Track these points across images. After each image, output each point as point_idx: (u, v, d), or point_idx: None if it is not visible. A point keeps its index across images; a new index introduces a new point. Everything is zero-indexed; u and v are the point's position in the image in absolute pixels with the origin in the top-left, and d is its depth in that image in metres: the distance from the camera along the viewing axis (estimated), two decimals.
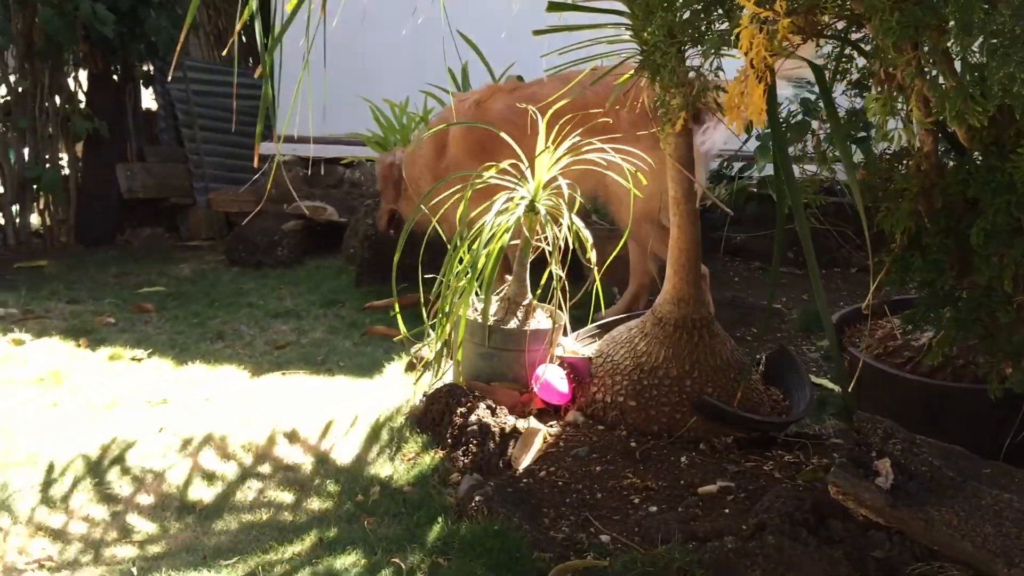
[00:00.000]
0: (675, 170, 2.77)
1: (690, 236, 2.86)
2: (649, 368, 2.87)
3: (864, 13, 1.90)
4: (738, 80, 2.09)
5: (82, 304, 4.70)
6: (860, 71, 2.49)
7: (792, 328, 4.04)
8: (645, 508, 2.49)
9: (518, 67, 5.29)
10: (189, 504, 2.68)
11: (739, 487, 2.56)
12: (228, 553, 2.37)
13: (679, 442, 2.79)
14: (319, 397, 3.48)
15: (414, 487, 2.69)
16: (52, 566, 2.36)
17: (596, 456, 2.74)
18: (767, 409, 2.96)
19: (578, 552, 2.30)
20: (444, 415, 2.93)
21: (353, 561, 2.31)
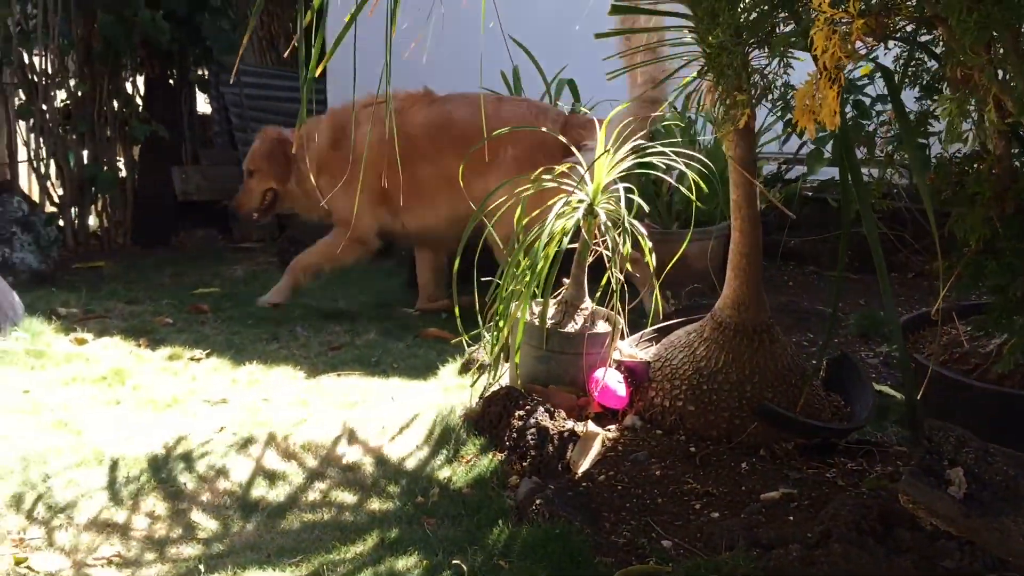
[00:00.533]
0: (737, 173, 2.75)
1: (751, 240, 2.83)
2: (708, 373, 2.85)
3: (940, 13, 1.87)
4: (809, 83, 2.07)
5: (140, 304, 4.78)
6: (931, 74, 2.46)
7: (849, 333, 3.99)
8: (707, 514, 2.47)
9: (570, 70, 5.30)
10: (252, 503, 2.71)
11: (802, 494, 2.53)
12: (292, 552, 2.40)
13: (739, 448, 2.77)
14: (375, 398, 3.51)
15: (473, 489, 2.69)
16: (120, 563, 2.40)
17: (655, 461, 2.73)
18: (828, 415, 2.92)
19: (640, 557, 2.29)
20: (501, 418, 2.94)
21: (415, 562, 2.32)
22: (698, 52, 2.69)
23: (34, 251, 5.03)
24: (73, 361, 3.74)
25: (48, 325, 4.13)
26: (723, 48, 2.23)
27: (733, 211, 2.83)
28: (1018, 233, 2.17)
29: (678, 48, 2.76)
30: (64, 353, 3.84)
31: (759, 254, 2.85)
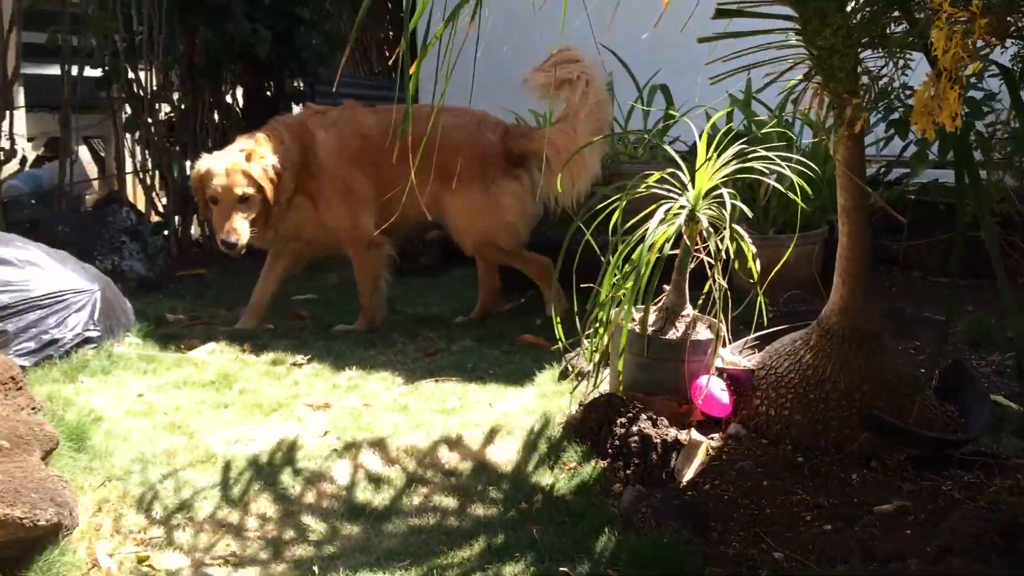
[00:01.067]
0: (846, 178, 2.70)
1: (860, 246, 2.77)
2: (816, 381, 2.80)
3: None
4: (927, 84, 2.02)
5: (242, 311, 4.91)
6: None
7: (959, 341, 3.86)
8: (818, 526, 2.42)
9: (663, 76, 5.26)
10: (358, 506, 2.76)
11: (917, 507, 2.46)
12: (400, 555, 2.44)
13: (848, 458, 2.71)
14: (473, 403, 3.53)
15: (576, 496, 2.69)
16: (236, 562, 2.47)
17: (762, 470, 2.69)
18: (941, 426, 2.84)
19: (751, 568, 2.26)
20: (603, 425, 2.93)
21: (522, 568, 2.34)
22: (803, 54, 2.64)
23: (142, 259, 5.22)
24: (182, 366, 3.86)
25: (158, 331, 4.27)
26: (834, 50, 2.19)
27: (841, 216, 2.77)
28: None
29: (783, 51, 2.71)
30: (174, 358, 3.97)
31: (868, 260, 2.79)
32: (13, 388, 2.83)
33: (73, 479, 2.72)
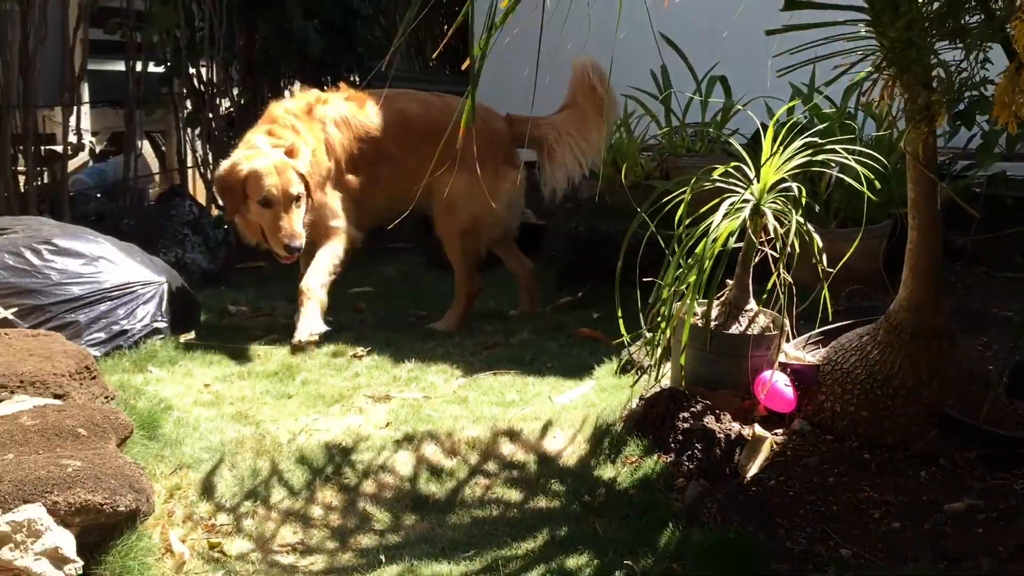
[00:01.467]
0: (916, 171, 2.65)
1: (930, 241, 2.73)
2: (883, 378, 2.76)
3: None
4: (1008, 76, 1.98)
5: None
6: None
7: None
8: (887, 523, 2.39)
9: (722, 67, 5.22)
10: (421, 497, 2.79)
11: (988, 506, 2.42)
12: (464, 546, 2.46)
13: (916, 456, 2.67)
14: (532, 396, 3.54)
15: (639, 490, 2.69)
16: (303, 550, 2.52)
17: (827, 467, 2.67)
18: (1013, 424, 2.78)
19: (818, 565, 2.25)
20: (665, 419, 2.92)
21: (586, 561, 2.34)
22: (873, 47, 2.60)
23: (203, 252, 5.32)
24: (247, 356, 3.93)
25: (221, 322, 4.35)
26: (910, 43, 2.15)
27: (911, 210, 2.73)
28: None
29: (852, 43, 2.67)
30: (238, 349, 4.04)
31: (939, 255, 2.75)
32: (88, 377, 2.91)
33: (146, 466, 2.78)
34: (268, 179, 4.00)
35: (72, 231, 3.97)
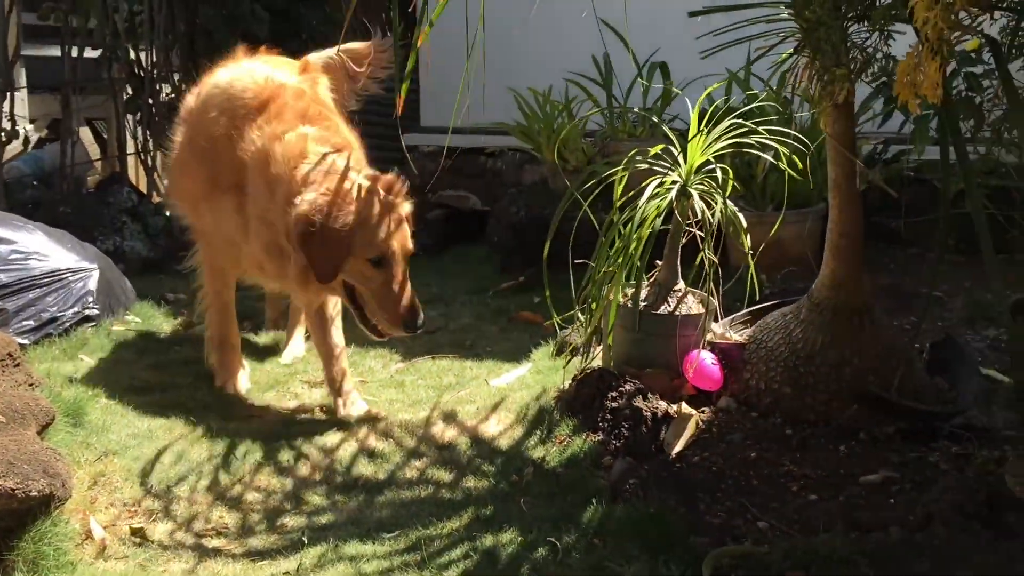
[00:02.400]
0: (835, 150, 2.70)
1: (850, 219, 2.78)
2: (805, 355, 2.81)
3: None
4: (911, 55, 2.02)
5: (244, 290, 4.92)
6: None
7: (955, 317, 3.86)
8: (804, 496, 2.44)
9: (662, 53, 5.24)
10: (352, 479, 2.79)
11: (904, 478, 2.48)
12: (391, 526, 2.47)
13: (837, 431, 2.72)
14: (469, 380, 3.56)
15: (567, 469, 2.72)
16: (229, 533, 2.51)
17: (751, 443, 2.71)
18: (932, 399, 2.84)
19: (735, 538, 2.28)
20: (595, 399, 2.95)
21: (510, 538, 2.36)
22: (794, 28, 2.64)
23: (143, 239, 5.25)
24: (182, 344, 3.90)
25: (158, 310, 4.31)
26: (820, 22, 2.19)
27: (831, 190, 2.78)
28: None
29: (773, 25, 2.71)
30: (173, 336, 4.00)
31: (859, 233, 2.79)
32: (11, 364, 2.86)
33: (70, 453, 2.75)
34: (383, 230, 2.99)
35: (1, 218, 3.90)
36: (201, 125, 3.28)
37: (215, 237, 3.37)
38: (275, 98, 3.18)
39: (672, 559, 2.19)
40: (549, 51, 5.70)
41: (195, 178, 3.31)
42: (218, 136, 3.17)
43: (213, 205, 3.24)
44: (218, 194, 3.20)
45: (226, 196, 3.17)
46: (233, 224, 3.18)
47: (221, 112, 3.20)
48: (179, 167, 3.48)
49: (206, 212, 3.31)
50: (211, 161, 3.21)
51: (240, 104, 3.17)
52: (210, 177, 3.22)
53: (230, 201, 3.16)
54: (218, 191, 3.19)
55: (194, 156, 3.31)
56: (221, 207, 3.19)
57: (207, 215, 3.31)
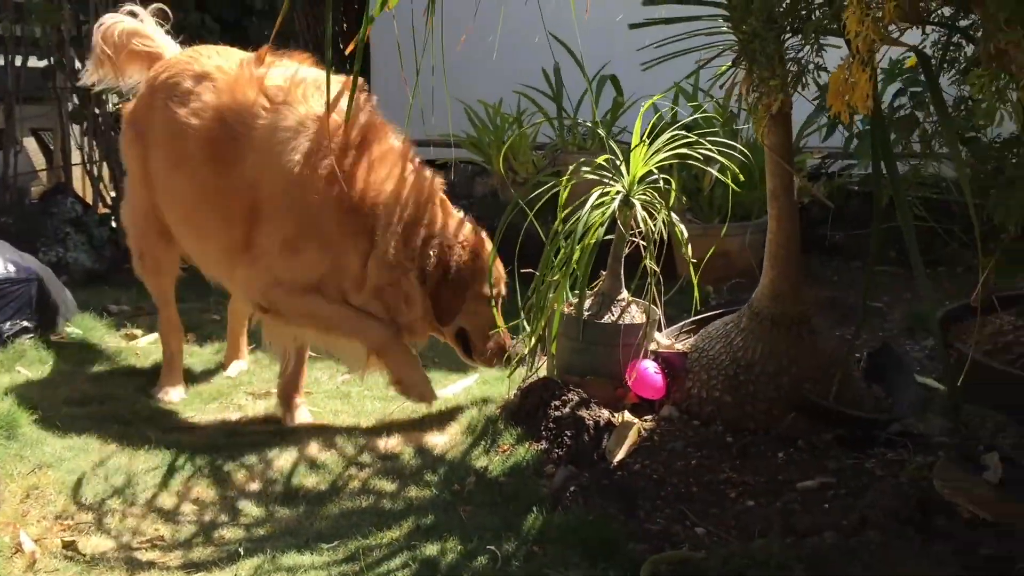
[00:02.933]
0: (773, 162, 2.74)
1: (788, 230, 2.82)
2: (746, 364, 2.84)
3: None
4: (842, 68, 2.06)
5: (189, 302, 4.85)
6: (968, 60, 2.42)
7: (895, 327, 3.94)
8: (742, 502, 2.46)
9: (611, 67, 5.30)
10: (293, 490, 2.76)
11: (840, 484, 2.51)
12: (329, 537, 2.44)
13: (777, 438, 2.75)
14: None
15: (509, 478, 2.71)
16: (164, 545, 2.46)
17: (692, 450, 2.73)
18: (869, 407, 2.89)
19: (674, 544, 2.30)
20: (538, 408, 2.95)
21: (450, 547, 2.35)
22: (733, 40, 2.68)
23: (87, 251, 5.16)
24: (124, 355, 3.84)
25: (100, 322, 4.23)
26: (756, 34, 2.22)
27: (770, 201, 2.82)
28: None
29: (714, 37, 2.74)
30: (115, 348, 3.94)
31: (797, 244, 2.83)
32: None
33: (2, 466, 2.70)
34: (497, 270, 3.13)
35: None
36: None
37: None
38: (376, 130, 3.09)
39: (611, 566, 2.20)
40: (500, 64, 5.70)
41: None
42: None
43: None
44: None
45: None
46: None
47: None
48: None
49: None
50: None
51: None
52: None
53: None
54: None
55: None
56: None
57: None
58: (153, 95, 3.27)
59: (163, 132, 3.19)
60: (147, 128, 3.28)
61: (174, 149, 3.15)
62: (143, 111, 3.30)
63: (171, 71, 3.26)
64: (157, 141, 3.24)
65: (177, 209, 3.26)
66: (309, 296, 3.04)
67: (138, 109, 3.35)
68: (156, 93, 3.25)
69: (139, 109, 3.34)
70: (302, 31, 7.54)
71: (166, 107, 3.16)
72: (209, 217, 3.11)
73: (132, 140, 3.39)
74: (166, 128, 3.17)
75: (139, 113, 3.34)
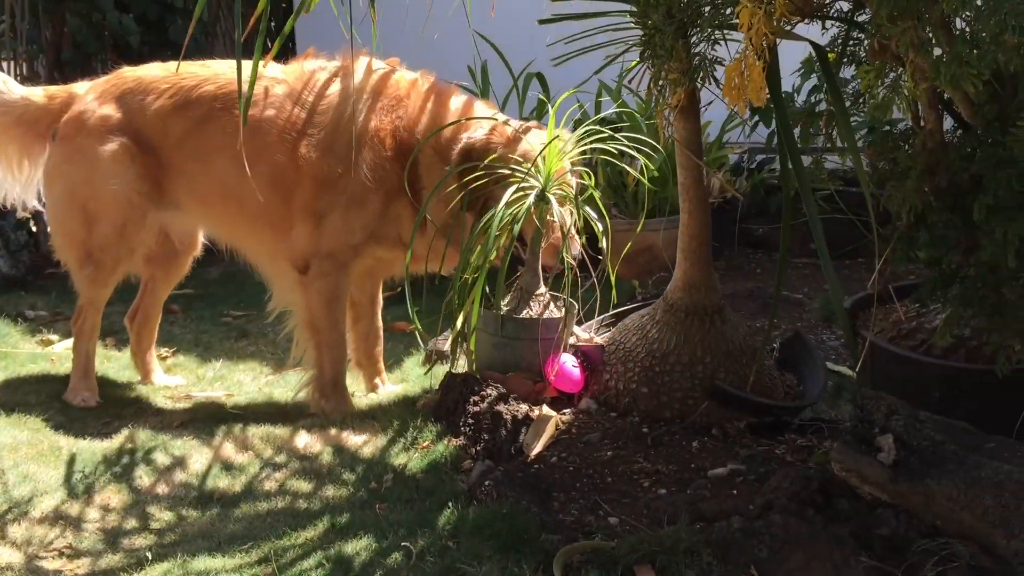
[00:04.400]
0: (683, 155, 2.78)
1: (700, 222, 2.86)
2: (661, 355, 2.87)
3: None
4: (737, 60, 2.10)
5: (110, 307, 4.75)
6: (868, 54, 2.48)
7: (813, 317, 4.02)
8: (655, 491, 2.49)
9: (537, 65, 5.31)
10: (207, 493, 2.73)
11: (750, 470, 2.55)
12: (243, 539, 2.42)
13: (691, 428, 2.79)
14: None
15: (427, 474, 2.71)
16: (71, 554, 2.42)
17: (608, 442, 2.75)
18: (781, 394, 2.95)
19: (586, 534, 2.32)
20: (458, 404, 2.96)
21: (364, 545, 2.34)
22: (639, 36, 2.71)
23: (4, 256, 5.03)
24: (37, 361, 3.75)
25: (15, 327, 4.13)
26: (657, 29, 2.25)
27: (681, 193, 2.85)
28: (949, 206, 2.19)
29: (621, 33, 2.78)
30: (29, 354, 3.85)
31: (708, 235, 2.88)
32: None
33: None
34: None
35: None
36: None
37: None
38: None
39: (524, 557, 2.21)
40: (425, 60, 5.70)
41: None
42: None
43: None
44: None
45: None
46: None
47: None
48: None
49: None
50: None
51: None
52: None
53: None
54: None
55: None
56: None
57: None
58: (187, 106, 3.32)
59: (224, 135, 3.23)
60: (164, 136, 3.34)
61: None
62: (153, 120, 3.34)
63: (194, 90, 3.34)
64: (208, 147, 3.31)
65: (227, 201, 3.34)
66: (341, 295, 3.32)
67: (137, 118, 3.35)
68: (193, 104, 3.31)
69: (141, 118, 3.35)
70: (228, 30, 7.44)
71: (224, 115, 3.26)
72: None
73: (125, 148, 3.34)
74: (224, 133, 3.23)
75: (145, 122, 3.35)
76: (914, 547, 2.02)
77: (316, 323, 3.30)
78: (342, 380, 3.34)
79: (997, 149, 2.03)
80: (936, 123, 2.26)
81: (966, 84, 1.78)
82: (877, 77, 2.00)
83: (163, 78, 3.41)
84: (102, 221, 3.36)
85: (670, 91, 2.35)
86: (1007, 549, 1.84)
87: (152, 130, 3.35)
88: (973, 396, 2.55)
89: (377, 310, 3.62)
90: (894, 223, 2.32)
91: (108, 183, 3.32)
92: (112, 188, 3.31)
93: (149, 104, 3.36)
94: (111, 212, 3.35)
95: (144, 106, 3.36)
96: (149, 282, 3.73)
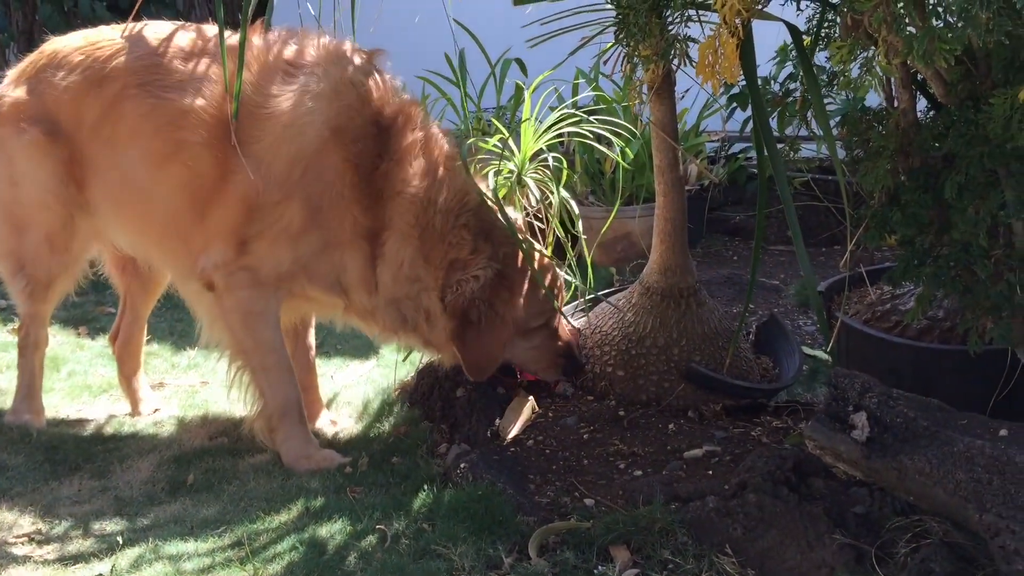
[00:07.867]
0: (658, 137, 2.77)
1: (675, 205, 2.86)
2: (637, 338, 2.87)
3: None
4: (711, 38, 2.09)
5: (84, 295, 4.72)
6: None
7: (789, 303, 4.03)
8: (630, 473, 2.49)
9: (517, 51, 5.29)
10: (181, 479, 2.70)
11: (725, 451, 2.56)
12: (216, 524, 2.39)
13: (667, 410, 2.80)
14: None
15: (402, 458, 2.70)
16: (41, 539, 2.38)
17: (584, 425, 2.75)
18: (757, 377, 2.95)
19: (562, 515, 2.31)
20: (433, 389, 2.95)
21: (339, 528, 2.32)
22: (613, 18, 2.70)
23: None
24: (8, 350, 3.70)
25: None
26: (630, 7, 2.24)
27: (657, 176, 2.85)
28: (922, 185, 2.20)
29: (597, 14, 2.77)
30: (1, 342, 3.80)
31: (684, 219, 2.88)
32: None
33: None
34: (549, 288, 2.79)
35: None
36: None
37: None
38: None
39: (500, 539, 2.20)
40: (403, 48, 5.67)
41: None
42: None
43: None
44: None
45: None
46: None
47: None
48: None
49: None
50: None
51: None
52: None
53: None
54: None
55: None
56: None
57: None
58: (101, 83, 2.71)
59: (138, 121, 2.68)
60: (78, 122, 2.76)
61: (160, 139, 2.67)
62: (66, 103, 2.75)
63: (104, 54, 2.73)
64: (120, 135, 2.72)
65: (138, 201, 2.80)
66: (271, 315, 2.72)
67: (50, 101, 2.76)
68: (107, 81, 2.70)
69: (53, 101, 2.76)
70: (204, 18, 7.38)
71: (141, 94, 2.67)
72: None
73: (37, 141, 2.78)
74: (145, 118, 2.67)
75: (57, 106, 2.76)
76: (888, 524, 2.03)
77: (241, 345, 2.74)
78: (294, 411, 2.73)
79: (970, 127, 2.04)
80: (910, 102, 2.27)
81: (939, 60, 1.78)
82: (850, 53, 1.99)
83: (78, 48, 2.77)
84: (31, 229, 2.87)
85: (647, 68, 2.34)
86: (979, 523, 1.85)
87: (65, 115, 2.75)
88: (946, 376, 2.57)
89: (308, 332, 3.05)
90: (867, 203, 2.32)
91: (26, 185, 2.83)
92: (29, 191, 2.82)
93: (60, 82, 2.73)
94: (36, 219, 2.85)
95: (55, 85, 2.74)
96: (127, 296, 3.28)
